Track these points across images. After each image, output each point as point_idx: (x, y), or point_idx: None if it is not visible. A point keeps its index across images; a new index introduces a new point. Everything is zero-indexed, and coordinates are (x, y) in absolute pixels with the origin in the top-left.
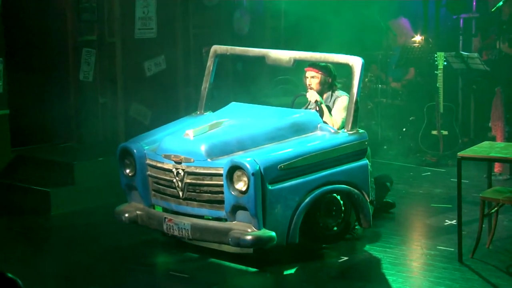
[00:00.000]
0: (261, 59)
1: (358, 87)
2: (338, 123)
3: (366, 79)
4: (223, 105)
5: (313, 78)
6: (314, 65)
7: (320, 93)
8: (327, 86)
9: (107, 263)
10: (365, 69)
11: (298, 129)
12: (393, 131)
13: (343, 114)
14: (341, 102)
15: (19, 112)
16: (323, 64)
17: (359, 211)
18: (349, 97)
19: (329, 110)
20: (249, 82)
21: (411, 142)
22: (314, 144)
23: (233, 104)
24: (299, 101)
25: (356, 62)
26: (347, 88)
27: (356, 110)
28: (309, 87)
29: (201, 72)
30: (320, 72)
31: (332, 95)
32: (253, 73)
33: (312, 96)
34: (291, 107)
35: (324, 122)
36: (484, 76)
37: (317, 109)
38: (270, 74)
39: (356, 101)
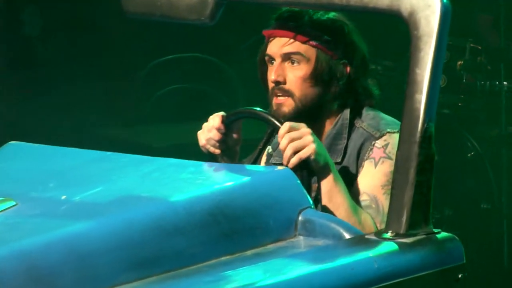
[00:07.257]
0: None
1: (431, 90)
2: (377, 219)
3: (459, 63)
4: None
5: (289, 64)
6: (296, 18)
7: (311, 112)
8: (335, 94)
9: None
10: (451, 29)
11: (230, 232)
12: None
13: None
14: (388, 156)
15: None
16: (329, 16)
17: None
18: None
19: (346, 176)
20: (71, 76)
21: None
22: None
23: (11, 146)
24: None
25: (425, 12)
26: (395, 97)
27: (426, 168)
28: (274, 95)
29: None
30: (312, 43)
31: (354, 126)
32: (86, 45)
33: (283, 130)
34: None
35: (321, 206)
36: None
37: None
38: (144, 50)
39: (428, 136)
